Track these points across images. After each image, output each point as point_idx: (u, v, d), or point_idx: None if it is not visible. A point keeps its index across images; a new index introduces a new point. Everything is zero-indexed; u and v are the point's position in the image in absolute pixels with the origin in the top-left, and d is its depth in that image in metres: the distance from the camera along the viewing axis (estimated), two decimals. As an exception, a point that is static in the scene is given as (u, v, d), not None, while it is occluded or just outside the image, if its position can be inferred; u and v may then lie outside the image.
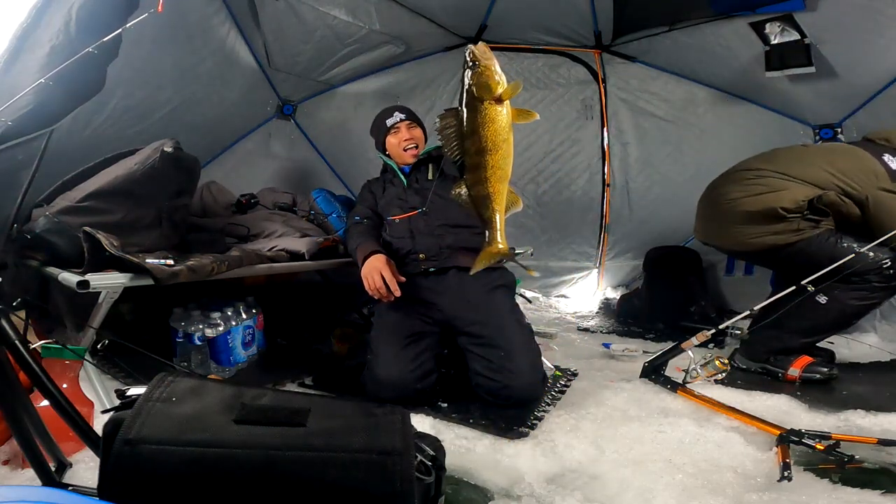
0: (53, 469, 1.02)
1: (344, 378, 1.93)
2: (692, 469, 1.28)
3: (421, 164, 2.00)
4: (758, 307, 1.87)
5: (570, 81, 3.34)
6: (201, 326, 1.88)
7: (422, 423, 1.51)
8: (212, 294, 2.09)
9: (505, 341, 1.68)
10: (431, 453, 0.92)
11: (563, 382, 1.90)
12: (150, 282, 1.43)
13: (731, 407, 1.59)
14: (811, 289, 1.70)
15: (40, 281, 1.61)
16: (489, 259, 1.31)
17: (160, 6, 1.32)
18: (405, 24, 2.91)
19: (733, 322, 1.89)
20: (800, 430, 1.36)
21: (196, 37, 2.40)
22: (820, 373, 1.87)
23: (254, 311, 2.10)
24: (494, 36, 3.16)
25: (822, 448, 1.29)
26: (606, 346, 2.39)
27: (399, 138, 2.00)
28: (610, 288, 3.62)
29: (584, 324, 3.04)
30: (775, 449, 1.32)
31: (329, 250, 2.18)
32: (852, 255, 1.73)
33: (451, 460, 1.17)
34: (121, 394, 0.85)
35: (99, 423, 0.88)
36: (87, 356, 1.32)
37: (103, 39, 1.35)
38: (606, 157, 3.42)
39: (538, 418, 1.58)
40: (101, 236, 1.44)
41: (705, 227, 2.22)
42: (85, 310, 1.45)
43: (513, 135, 1.22)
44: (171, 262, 1.53)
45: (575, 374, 2.01)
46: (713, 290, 3.11)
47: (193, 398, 0.83)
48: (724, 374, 1.71)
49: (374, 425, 0.83)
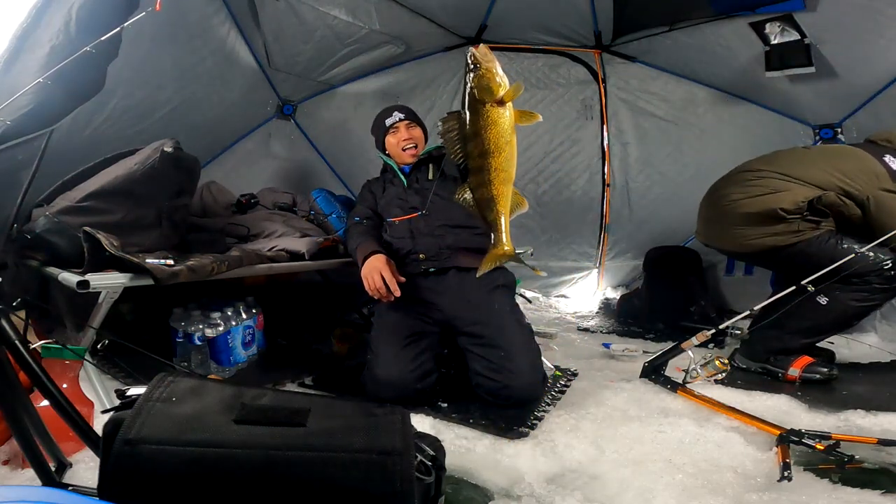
0: (53, 469, 1.02)
1: (344, 378, 1.93)
2: (692, 469, 1.28)
3: (421, 163, 2.00)
4: (758, 307, 1.87)
5: (570, 81, 3.34)
6: (201, 326, 1.88)
7: (422, 423, 1.51)
8: (212, 294, 2.09)
9: (505, 341, 1.68)
10: (431, 453, 0.92)
11: (563, 382, 1.90)
12: (150, 282, 1.43)
13: (731, 407, 1.59)
14: (811, 289, 1.70)
15: (40, 281, 1.61)
16: (495, 261, 1.31)
17: (158, 5, 1.32)
18: (405, 24, 2.91)
19: (733, 322, 1.89)
20: (800, 430, 1.36)
21: (196, 37, 2.40)
22: (820, 373, 1.87)
23: (254, 311, 2.10)
24: (494, 36, 3.16)
25: (822, 448, 1.29)
26: (606, 346, 2.39)
27: (398, 138, 2.00)
28: (610, 288, 3.62)
29: (584, 324, 3.04)
30: (775, 449, 1.32)
31: (329, 250, 2.18)
32: (852, 255, 1.73)
33: (451, 460, 1.17)
34: (121, 394, 0.85)
35: (99, 423, 0.88)
36: (87, 356, 1.32)
37: (102, 39, 1.34)
38: (606, 157, 3.42)
39: (538, 418, 1.58)
40: (101, 236, 1.44)
41: (706, 229, 2.22)
42: (85, 310, 1.45)
43: (516, 137, 1.21)
44: (171, 262, 1.53)
45: (575, 374, 2.01)
46: (713, 290, 3.11)
47: (193, 398, 0.83)
48: (724, 374, 1.71)
49: (374, 425, 0.83)
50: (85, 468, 1.11)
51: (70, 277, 1.35)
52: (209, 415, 0.79)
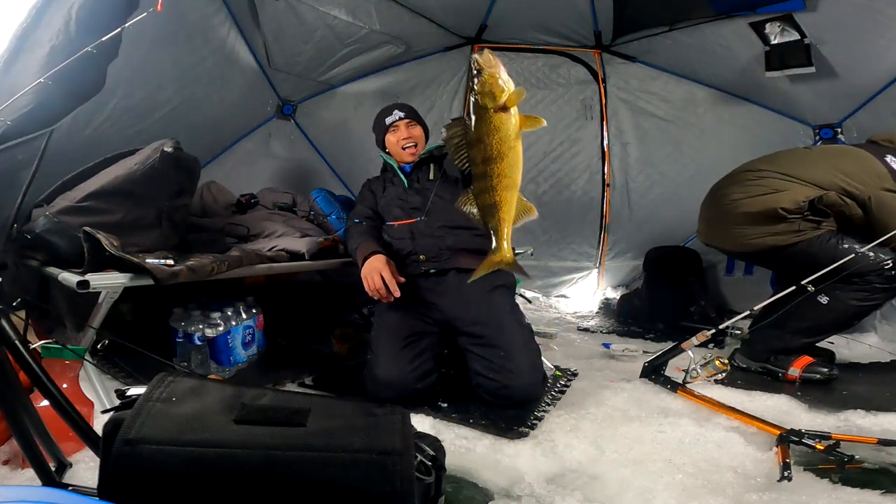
0: (53, 469, 1.02)
1: (344, 378, 1.93)
2: (692, 469, 1.28)
3: (422, 163, 2.00)
4: (758, 307, 1.87)
5: (570, 81, 3.34)
6: (201, 326, 1.88)
7: (422, 423, 1.51)
8: (212, 294, 2.09)
9: (505, 341, 1.68)
10: (431, 453, 0.92)
11: (563, 382, 1.90)
12: (150, 282, 1.43)
13: (731, 407, 1.59)
14: (811, 289, 1.70)
15: (40, 281, 1.61)
16: (492, 268, 1.30)
17: (159, 5, 1.32)
18: (405, 24, 2.91)
19: (733, 322, 1.89)
20: (800, 430, 1.36)
21: (196, 37, 2.40)
22: (820, 373, 1.87)
23: (254, 311, 2.10)
24: (494, 36, 3.17)
25: (822, 448, 1.29)
26: (606, 346, 2.39)
27: (398, 136, 2.00)
28: (610, 288, 3.62)
29: (584, 324, 3.04)
30: (775, 449, 1.32)
31: (329, 250, 2.18)
32: (853, 255, 1.73)
33: (451, 460, 1.17)
34: (121, 394, 0.85)
35: (99, 423, 0.88)
36: (87, 356, 1.32)
37: (102, 39, 1.34)
38: (606, 157, 3.42)
39: (538, 418, 1.58)
40: (101, 236, 1.44)
41: (707, 229, 2.22)
42: (85, 310, 1.45)
43: (521, 143, 1.20)
44: (171, 262, 1.53)
45: (575, 374, 2.01)
46: (713, 290, 3.11)
47: (193, 398, 0.83)
48: (724, 374, 1.71)
49: (374, 425, 0.83)
50: (85, 468, 1.11)
51: (70, 277, 1.35)
52: (209, 415, 0.79)
